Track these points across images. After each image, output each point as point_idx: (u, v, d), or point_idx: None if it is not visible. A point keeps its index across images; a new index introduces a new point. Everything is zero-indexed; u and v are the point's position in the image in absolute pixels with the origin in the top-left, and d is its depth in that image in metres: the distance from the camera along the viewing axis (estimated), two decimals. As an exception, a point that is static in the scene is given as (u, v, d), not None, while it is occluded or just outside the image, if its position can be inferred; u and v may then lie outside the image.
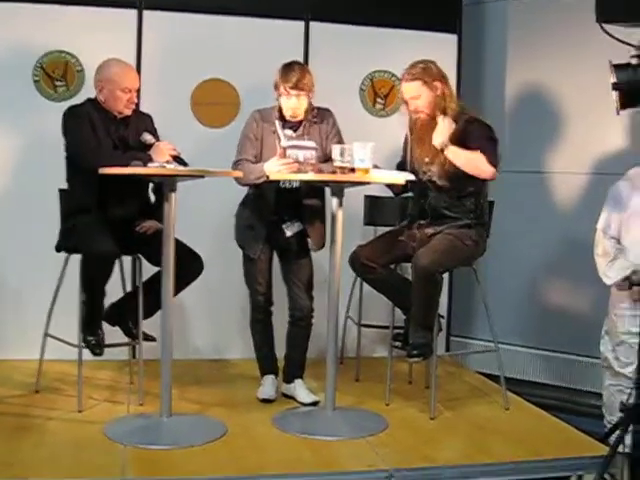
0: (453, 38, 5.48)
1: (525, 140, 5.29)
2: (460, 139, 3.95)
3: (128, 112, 4.12)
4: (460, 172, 3.96)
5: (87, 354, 4.07)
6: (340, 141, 4.14)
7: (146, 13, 5.03)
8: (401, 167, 4.24)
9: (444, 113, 3.96)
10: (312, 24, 5.26)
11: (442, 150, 3.91)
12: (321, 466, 3.43)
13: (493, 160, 3.91)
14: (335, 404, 4.01)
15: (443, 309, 5.16)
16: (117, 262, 4.05)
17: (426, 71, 3.98)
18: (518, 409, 4.28)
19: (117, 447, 3.53)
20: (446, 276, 4.90)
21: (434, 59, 4.08)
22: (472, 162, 3.91)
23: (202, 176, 3.79)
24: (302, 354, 4.35)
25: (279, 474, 3.33)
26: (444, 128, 3.93)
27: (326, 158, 4.13)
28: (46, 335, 4.23)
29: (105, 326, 4.15)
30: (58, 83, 4.95)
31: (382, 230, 4.49)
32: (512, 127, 5.34)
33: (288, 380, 4.35)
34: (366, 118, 5.39)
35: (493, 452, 3.63)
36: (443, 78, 4.02)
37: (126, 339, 4.27)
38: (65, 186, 4.18)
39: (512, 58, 5.52)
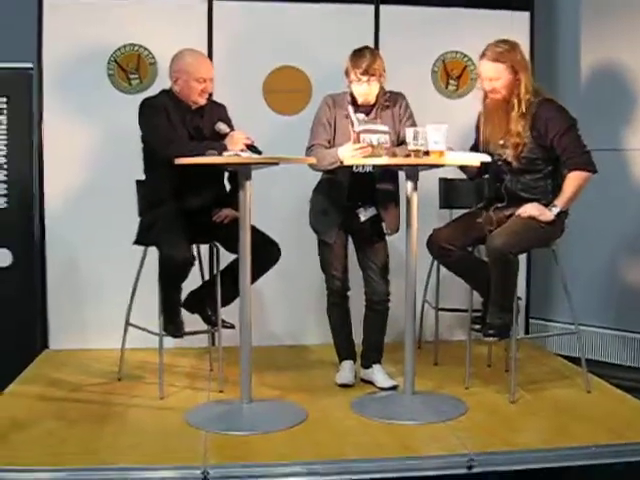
0: (525, 15, 5.37)
1: (602, 117, 5.17)
2: (536, 126, 3.90)
3: (203, 102, 4.15)
4: (535, 154, 3.91)
5: (167, 342, 4.14)
6: (413, 124, 4.10)
7: (216, 3, 5.08)
8: (475, 149, 4.20)
9: (518, 101, 3.89)
10: (382, 7, 5.22)
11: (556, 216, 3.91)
12: (401, 451, 3.40)
13: (587, 164, 3.89)
14: (414, 388, 3.99)
15: (522, 291, 5.10)
16: (195, 249, 4.11)
17: (511, 54, 3.89)
18: (600, 392, 4.20)
19: (198, 434, 3.57)
20: (524, 257, 4.87)
21: (506, 37, 4.01)
22: (579, 189, 3.92)
23: (277, 163, 3.80)
24: (380, 339, 4.33)
25: (359, 459, 3.32)
26: (534, 209, 3.91)
27: (400, 142, 4.12)
28: (127, 324, 4.31)
29: (185, 314, 4.21)
30: (132, 76, 5.04)
31: (458, 213, 4.43)
32: (588, 104, 5.21)
33: (366, 365, 4.35)
34: (439, 100, 5.33)
35: (574, 435, 3.56)
36: (526, 65, 3.94)
37: (205, 326, 4.32)
38: (142, 178, 4.25)
39: (586, 35, 5.38)
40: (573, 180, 3.89)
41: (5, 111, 4.93)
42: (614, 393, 4.21)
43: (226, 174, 4.30)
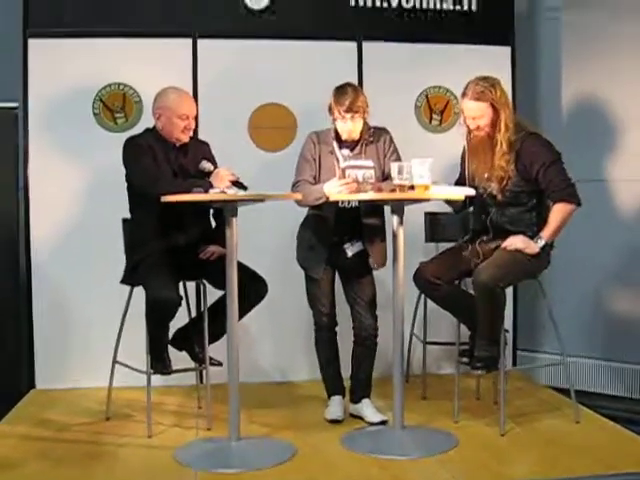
0: (507, 50, 5.44)
1: (584, 149, 5.22)
2: (520, 160, 3.94)
3: (185, 139, 4.17)
4: (520, 187, 3.95)
5: (155, 380, 4.12)
6: (398, 158, 4.13)
7: (200, 42, 5.12)
8: (460, 183, 4.22)
9: (501, 139, 3.94)
10: (365, 44, 5.28)
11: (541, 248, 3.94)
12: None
13: (572, 196, 3.93)
14: (404, 423, 3.98)
15: (508, 322, 5.12)
16: (182, 287, 4.10)
17: (491, 93, 3.92)
18: (590, 422, 4.20)
19: (188, 472, 3.56)
20: (510, 289, 4.87)
21: (488, 72, 4.05)
22: (564, 222, 3.96)
23: (262, 200, 3.82)
24: (368, 373, 4.32)
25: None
26: (519, 242, 3.94)
27: (384, 177, 4.14)
28: (114, 362, 4.28)
29: (172, 351, 4.19)
30: (117, 115, 5.06)
31: (444, 247, 4.45)
32: (570, 136, 5.26)
33: (355, 400, 4.34)
34: (423, 134, 5.38)
35: (566, 467, 3.55)
36: (506, 102, 3.97)
37: (193, 363, 4.31)
38: (128, 216, 4.25)
39: (567, 68, 5.47)
40: (558, 212, 3.92)
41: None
42: (603, 423, 4.21)
43: (211, 211, 4.30)
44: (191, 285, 4.39)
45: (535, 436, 4.00)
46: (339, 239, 4.18)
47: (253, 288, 4.08)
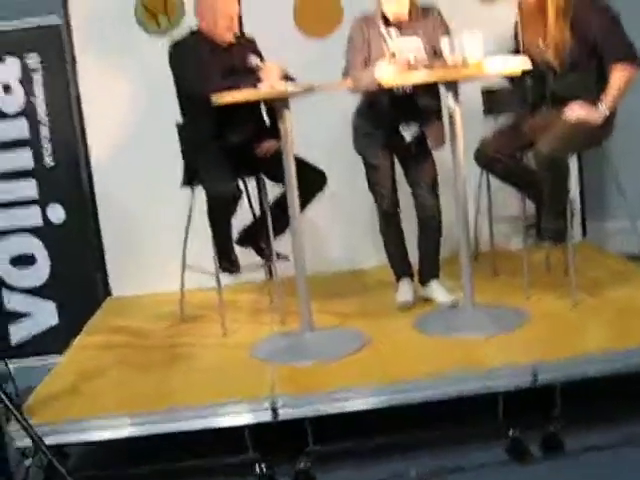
0: None
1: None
2: (576, 24, 3.77)
3: (230, 38, 4.11)
4: (577, 53, 3.80)
5: (225, 279, 4.17)
6: (447, 33, 3.99)
7: None
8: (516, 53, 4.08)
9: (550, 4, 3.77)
10: None
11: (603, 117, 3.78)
12: (468, 364, 3.42)
13: (632, 57, 3.76)
14: (474, 301, 3.97)
15: (575, 192, 5.02)
16: (242, 184, 4.11)
17: None
18: (664, 288, 4.13)
19: (264, 367, 3.63)
20: (574, 159, 4.77)
21: None
22: (626, 85, 3.78)
23: (312, 91, 3.76)
24: (435, 254, 4.31)
25: (428, 380, 3.34)
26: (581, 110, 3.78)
27: (436, 55, 4.02)
28: (184, 265, 4.35)
29: (240, 251, 4.25)
30: (160, 17, 4.98)
31: (503, 119, 4.34)
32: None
33: (424, 282, 4.34)
34: (472, 6, 5.16)
35: (639, 336, 3.52)
36: None
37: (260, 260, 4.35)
38: (181, 120, 4.23)
39: None
40: (619, 75, 3.76)
41: (39, 69, 4.93)
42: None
43: (264, 107, 4.26)
44: (252, 183, 4.37)
45: (607, 306, 3.97)
46: (395, 123, 4.10)
47: (311, 180, 4.06)
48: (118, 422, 3.27)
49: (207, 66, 4.00)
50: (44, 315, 5.07)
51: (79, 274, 5.06)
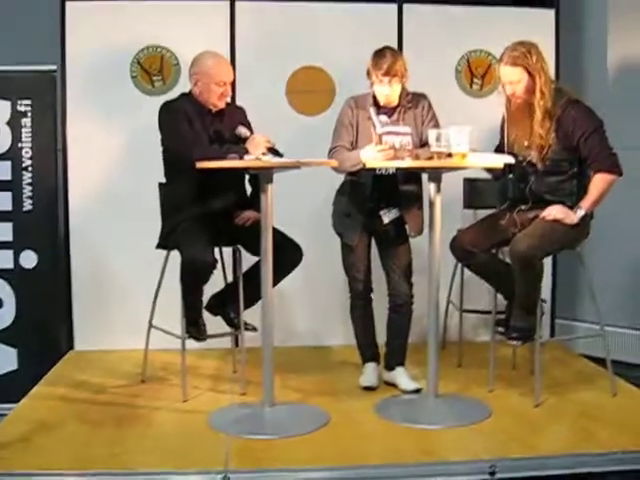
0: (550, 13, 5.30)
1: (631, 115, 5.10)
2: (561, 128, 3.84)
3: (222, 105, 4.14)
4: (560, 156, 3.86)
5: (190, 343, 4.14)
6: (436, 125, 4.07)
7: (238, 3, 5.08)
8: (499, 150, 4.15)
9: (537, 104, 3.85)
10: (405, 6, 5.19)
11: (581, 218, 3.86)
12: (424, 455, 3.39)
13: (614, 166, 3.83)
14: (437, 391, 3.97)
15: (547, 292, 5.06)
16: (217, 252, 4.10)
17: (528, 58, 3.81)
18: (626, 395, 4.13)
19: (221, 437, 3.58)
20: (549, 258, 4.81)
21: (531, 35, 3.93)
22: (605, 192, 3.85)
23: (298, 167, 3.79)
24: (403, 341, 4.31)
25: (382, 465, 3.31)
26: (559, 212, 3.85)
27: (422, 143, 4.09)
28: (150, 326, 4.33)
29: (208, 315, 4.22)
30: (155, 78, 5.05)
31: (482, 214, 4.39)
32: (616, 102, 5.15)
33: (390, 367, 4.33)
34: (463, 99, 5.29)
35: (600, 441, 3.51)
36: (542, 68, 3.83)
37: (228, 327, 4.32)
38: (164, 180, 4.25)
39: (613, 31, 5.33)
40: (599, 183, 3.83)
41: (29, 113, 4.93)
42: (640, 396, 4.16)
43: (247, 176, 4.29)
44: (227, 251, 4.37)
45: (570, 408, 3.96)
46: (375, 206, 4.15)
47: (288, 255, 4.08)
48: (66, 480, 3.21)
49: (195, 130, 4.03)
50: (3, 360, 4.99)
51: (44, 322, 4.99)
